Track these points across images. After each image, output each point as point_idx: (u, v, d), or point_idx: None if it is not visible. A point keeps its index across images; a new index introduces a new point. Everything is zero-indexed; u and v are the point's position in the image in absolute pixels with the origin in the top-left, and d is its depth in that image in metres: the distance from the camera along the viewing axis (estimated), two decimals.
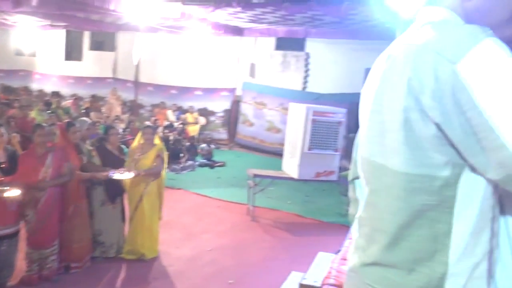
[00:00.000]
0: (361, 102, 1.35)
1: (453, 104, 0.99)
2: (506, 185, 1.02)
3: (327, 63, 11.32)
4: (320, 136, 6.31)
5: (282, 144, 7.29)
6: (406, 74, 1.07)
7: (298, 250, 5.27)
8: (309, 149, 6.28)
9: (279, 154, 7.90)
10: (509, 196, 1.12)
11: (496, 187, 1.11)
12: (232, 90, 12.74)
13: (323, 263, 3.21)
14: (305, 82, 11.95)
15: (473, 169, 1.06)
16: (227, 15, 9.68)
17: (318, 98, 10.74)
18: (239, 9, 8.90)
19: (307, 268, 3.16)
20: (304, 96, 11.16)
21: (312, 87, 11.75)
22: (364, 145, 1.30)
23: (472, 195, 1.08)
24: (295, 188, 7.75)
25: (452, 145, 1.04)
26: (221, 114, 12.83)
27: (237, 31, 11.77)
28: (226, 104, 12.82)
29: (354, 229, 1.35)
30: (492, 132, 0.95)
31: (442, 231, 1.10)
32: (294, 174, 6.42)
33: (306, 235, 5.93)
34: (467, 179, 1.07)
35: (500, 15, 1.14)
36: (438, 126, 1.03)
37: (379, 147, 1.20)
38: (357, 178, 1.42)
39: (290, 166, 6.60)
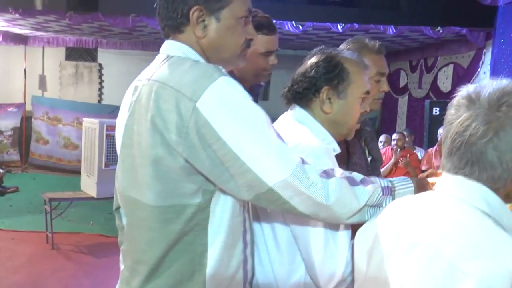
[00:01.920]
0: (116, 132, 1.40)
1: (199, 139, 1.11)
2: (258, 202, 1.18)
3: (122, 74, 11.08)
4: (116, 151, 6.21)
5: (81, 162, 6.97)
6: (150, 111, 1.16)
7: (103, 273, 5.14)
8: (106, 165, 6.15)
9: (78, 172, 7.52)
10: (262, 208, 1.31)
11: (244, 203, 1.28)
12: (21, 106, 11.60)
13: None
14: (101, 95, 11.58)
15: (224, 192, 1.19)
16: (3, 22, 8.77)
17: (115, 110, 10.49)
18: (17, 15, 8.14)
19: None
20: (100, 109, 10.81)
21: (108, 100, 11.40)
22: (118, 178, 1.35)
23: (222, 216, 1.22)
24: (96, 207, 7.44)
25: (202, 174, 1.15)
26: (10, 133, 11.56)
27: (21, 39, 10.72)
28: (15, 122, 11.64)
29: (120, 261, 1.40)
30: (238, 160, 1.09)
31: (198, 253, 1.21)
32: (93, 193, 6.21)
33: (111, 255, 5.76)
34: (217, 202, 1.20)
35: (231, 51, 1.30)
36: (186, 160, 1.14)
37: (131, 181, 1.26)
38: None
39: (89, 184, 6.36)
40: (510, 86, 0.95)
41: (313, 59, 1.53)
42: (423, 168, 6.36)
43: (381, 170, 6.27)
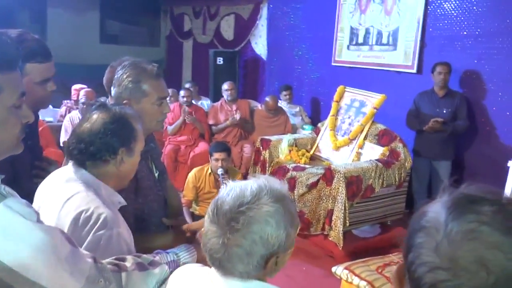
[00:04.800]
0: None
1: None
2: None
3: None
4: None
5: None
6: None
7: None
8: None
9: None
10: None
11: None
12: None
13: None
14: None
15: None
16: None
17: None
18: None
19: None
20: None
21: None
22: None
23: None
24: None
25: None
26: None
27: None
28: None
29: None
30: (27, 281, 1.06)
31: None
32: None
33: None
34: None
35: (7, 145, 1.17)
36: None
37: None
38: None
39: None
40: (245, 206, 1.14)
41: (101, 117, 1.52)
42: (210, 122, 6.58)
43: (171, 127, 6.30)
